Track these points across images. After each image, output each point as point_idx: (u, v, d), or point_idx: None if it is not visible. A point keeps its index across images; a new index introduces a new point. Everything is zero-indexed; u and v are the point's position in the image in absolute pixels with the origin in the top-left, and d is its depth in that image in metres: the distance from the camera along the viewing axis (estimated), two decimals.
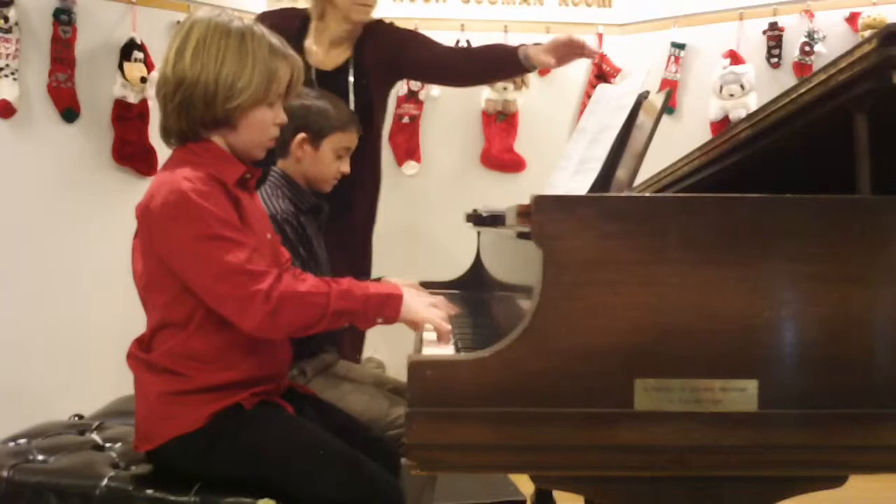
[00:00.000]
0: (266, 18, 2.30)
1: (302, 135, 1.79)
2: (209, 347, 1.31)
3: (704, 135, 3.16)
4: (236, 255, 1.25)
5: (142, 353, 1.35)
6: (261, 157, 1.43)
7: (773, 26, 3.19)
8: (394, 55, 2.26)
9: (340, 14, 2.20)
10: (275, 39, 1.37)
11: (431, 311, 1.35)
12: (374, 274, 2.19)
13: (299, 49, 2.22)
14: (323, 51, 2.24)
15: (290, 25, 2.27)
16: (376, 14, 3.45)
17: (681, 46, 3.38)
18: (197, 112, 1.32)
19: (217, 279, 1.25)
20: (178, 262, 1.28)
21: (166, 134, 1.37)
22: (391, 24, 2.34)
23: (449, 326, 1.36)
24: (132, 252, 1.38)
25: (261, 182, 1.71)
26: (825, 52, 3.06)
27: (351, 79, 2.22)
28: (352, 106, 2.19)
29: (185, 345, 1.31)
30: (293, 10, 2.38)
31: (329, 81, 2.21)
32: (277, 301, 1.24)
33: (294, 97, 1.50)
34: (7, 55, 2.76)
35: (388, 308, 1.32)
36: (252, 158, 1.42)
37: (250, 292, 1.24)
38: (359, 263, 2.30)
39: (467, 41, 3.47)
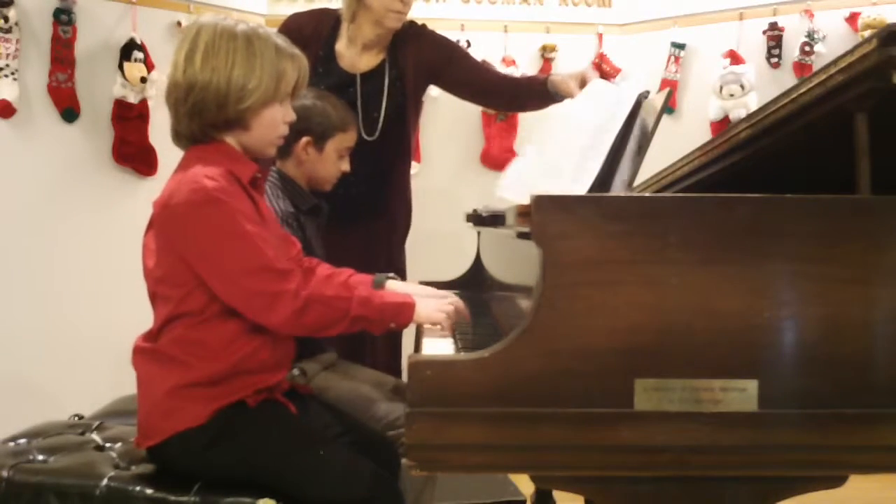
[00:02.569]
0: (297, 19, 2.31)
1: (306, 138, 1.79)
2: (218, 335, 1.32)
3: (704, 135, 3.16)
4: (264, 252, 1.29)
5: (148, 344, 1.36)
6: (272, 154, 1.46)
7: (773, 26, 3.19)
8: (437, 66, 2.26)
9: (373, 18, 2.18)
10: (280, 40, 1.39)
11: (439, 314, 1.41)
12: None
13: (330, 52, 2.24)
14: (355, 53, 2.24)
15: (321, 28, 2.27)
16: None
17: (681, 46, 3.38)
18: (210, 114, 1.35)
19: (246, 275, 1.28)
20: (201, 259, 1.29)
21: (178, 137, 1.40)
22: (434, 32, 2.33)
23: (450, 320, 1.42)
24: (143, 248, 1.39)
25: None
26: (825, 52, 3.06)
27: (387, 80, 2.23)
28: (383, 107, 2.20)
29: (195, 331, 1.32)
30: (326, 11, 2.37)
31: (362, 83, 2.21)
32: (305, 301, 1.29)
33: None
34: (7, 55, 2.76)
35: (401, 316, 1.38)
36: (264, 157, 1.45)
37: (280, 290, 1.28)
38: (396, 262, 2.32)
39: (467, 41, 3.47)
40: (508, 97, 2.32)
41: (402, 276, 2.32)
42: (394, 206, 2.33)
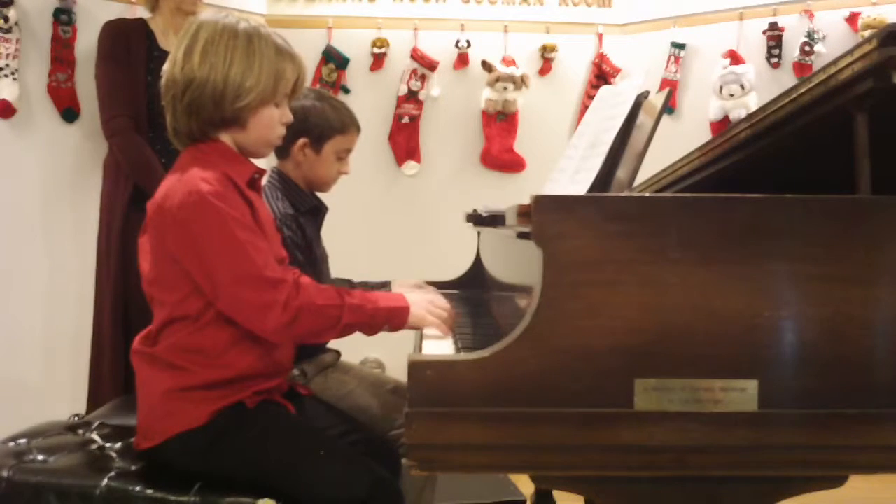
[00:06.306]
0: (117, 27, 2.48)
1: (303, 139, 1.78)
2: (215, 342, 1.31)
3: (704, 135, 3.16)
4: (254, 261, 1.27)
5: (146, 348, 1.35)
6: (267, 155, 1.45)
7: (773, 26, 3.19)
8: None
9: (173, 5, 2.38)
10: (280, 40, 1.39)
11: (432, 319, 1.39)
12: (376, 277, 2.18)
13: (161, 51, 2.38)
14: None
15: (138, 33, 2.44)
16: (377, 13, 3.45)
17: (681, 46, 3.38)
18: (206, 112, 1.34)
19: (235, 283, 1.26)
20: (195, 264, 1.28)
21: (176, 135, 1.39)
22: None
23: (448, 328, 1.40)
24: (139, 251, 1.38)
25: None
26: (825, 52, 3.07)
27: None
28: None
29: (193, 338, 1.31)
30: (124, 20, 2.54)
31: None
32: (296, 311, 1.27)
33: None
34: (7, 55, 2.76)
35: (394, 319, 1.37)
36: (260, 157, 1.44)
37: (269, 300, 1.26)
38: None
39: (467, 41, 3.47)
40: None
41: None
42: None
